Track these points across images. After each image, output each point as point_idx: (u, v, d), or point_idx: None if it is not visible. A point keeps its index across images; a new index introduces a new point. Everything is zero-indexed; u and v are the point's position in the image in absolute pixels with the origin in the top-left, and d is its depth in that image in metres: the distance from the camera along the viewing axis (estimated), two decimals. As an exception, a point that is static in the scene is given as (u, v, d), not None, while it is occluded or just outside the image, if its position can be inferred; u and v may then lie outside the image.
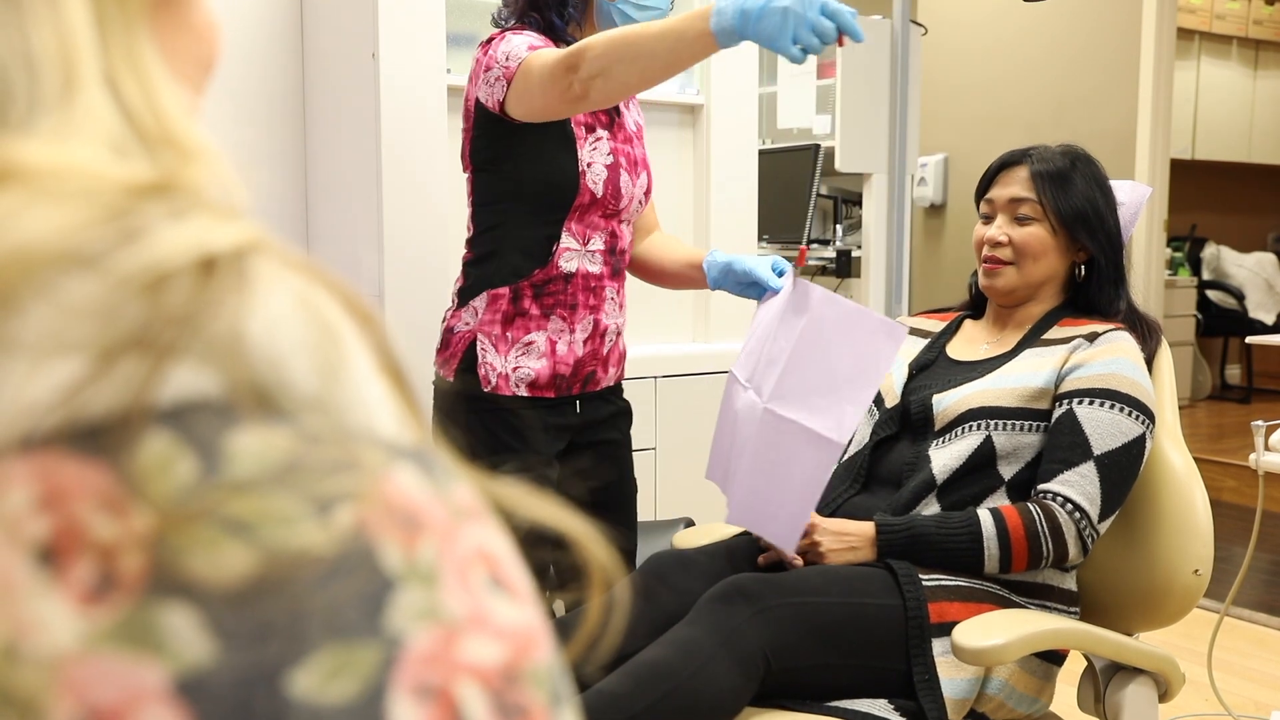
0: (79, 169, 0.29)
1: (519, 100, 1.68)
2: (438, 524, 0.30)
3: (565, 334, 1.79)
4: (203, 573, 0.27)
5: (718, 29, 1.49)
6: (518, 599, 0.31)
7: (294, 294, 0.31)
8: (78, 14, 0.32)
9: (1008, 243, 1.73)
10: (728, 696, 1.40)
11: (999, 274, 1.75)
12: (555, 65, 1.60)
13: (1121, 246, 1.76)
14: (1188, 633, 2.53)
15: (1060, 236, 1.72)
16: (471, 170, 1.82)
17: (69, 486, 0.27)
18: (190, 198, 0.30)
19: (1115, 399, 1.59)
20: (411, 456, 0.31)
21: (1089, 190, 1.72)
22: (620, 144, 1.83)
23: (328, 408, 0.31)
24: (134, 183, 0.30)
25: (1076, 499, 1.55)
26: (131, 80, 0.33)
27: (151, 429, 0.28)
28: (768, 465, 1.56)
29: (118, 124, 0.32)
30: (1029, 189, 1.73)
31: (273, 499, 0.28)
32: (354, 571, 0.28)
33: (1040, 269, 1.73)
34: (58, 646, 0.26)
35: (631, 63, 1.55)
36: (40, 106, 0.31)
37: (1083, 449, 1.57)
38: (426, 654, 0.29)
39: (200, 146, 0.33)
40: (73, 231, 0.28)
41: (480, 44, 1.76)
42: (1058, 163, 1.74)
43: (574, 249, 1.78)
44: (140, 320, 0.28)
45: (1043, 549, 1.54)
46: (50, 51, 0.31)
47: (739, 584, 1.48)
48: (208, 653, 0.26)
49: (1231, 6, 6.69)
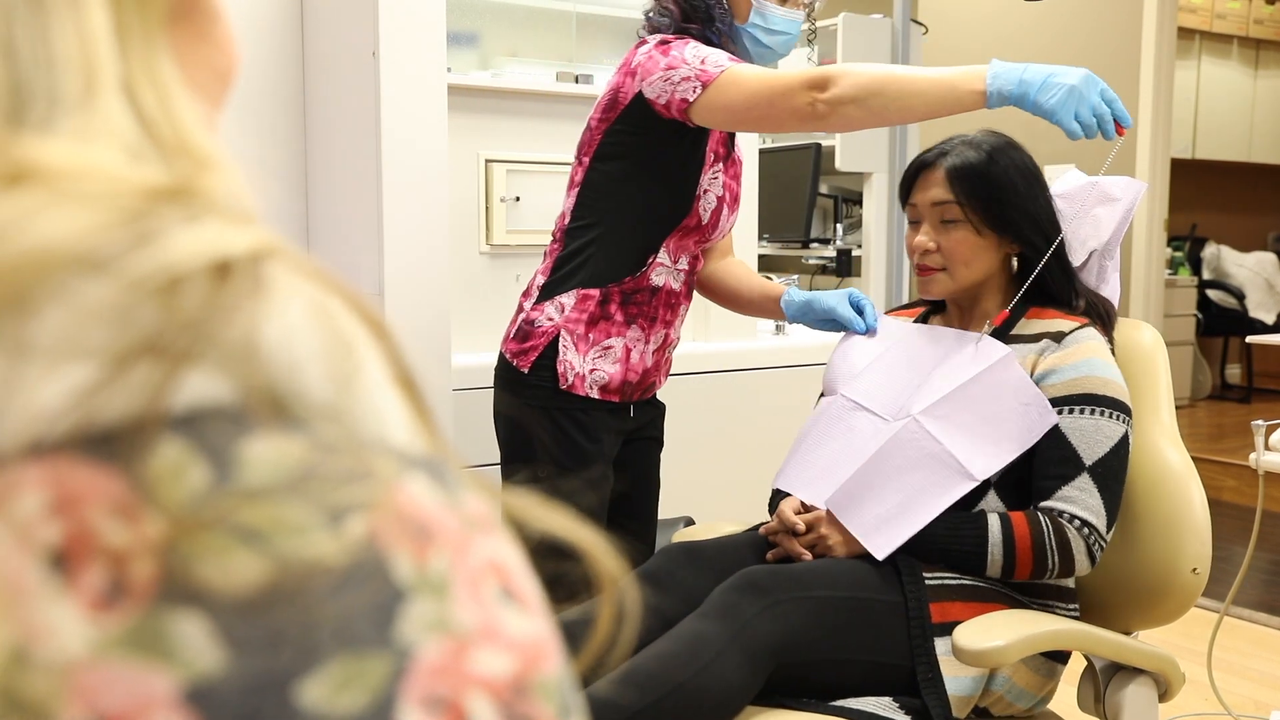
0: (99, 170, 0.29)
1: (714, 105, 1.67)
2: (449, 535, 0.30)
3: (641, 343, 1.82)
4: (214, 581, 0.27)
5: (994, 91, 1.56)
6: (528, 610, 0.31)
7: (309, 302, 0.31)
8: (98, 20, 0.32)
9: (936, 249, 1.69)
10: (735, 692, 1.41)
11: (933, 281, 1.72)
12: (796, 82, 1.63)
13: (1058, 230, 1.69)
14: (1188, 632, 2.53)
15: (987, 235, 1.68)
16: (591, 161, 1.81)
17: (81, 492, 0.27)
18: (205, 203, 0.30)
19: (1093, 403, 1.58)
20: (423, 466, 0.31)
21: (1009, 181, 1.66)
22: (729, 178, 1.88)
23: (341, 416, 0.31)
24: (152, 187, 0.30)
25: (1083, 515, 1.54)
26: (148, 89, 0.33)
27: (164, 435, 0.28)
28: (892, 470, 1.58)
29: (134, 131, 0.32)
30: (948, 191, 1.68)
31: (285, 508, 0.28)
32: (365, 582, 0.28)
33: (974, 271, 1.70)
34: (68, 653, 0.26)
35: (894, 98, 1.60)
36: (59, 109, 0.31)
37: (1074, 462, 1.56)
38: (437, 665, 0.29)
39: (214, 156, 0.33)
40: (90, 234, 0.28)
41: (653, 43, 1.75)
42: (974, 158, 1.67)
43: (665, 265, 1.82)
44: (155, 325, 0.28)
45: (1048, 562, 1.54)
46: (71, 54, 0.31)
47: (752, 576, 1.49)
48: (218, 661, 0.26)
49: (1232, 6, 6.69)
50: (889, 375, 1.74)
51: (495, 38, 2.50)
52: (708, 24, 1.79)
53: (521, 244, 2.46)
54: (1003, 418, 1.58)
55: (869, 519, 1.58)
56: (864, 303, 1.88)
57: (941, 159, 1.70)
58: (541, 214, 2.48)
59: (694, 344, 2.67)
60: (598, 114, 1.81)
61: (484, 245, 2.43)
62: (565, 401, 1.78)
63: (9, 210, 0.28)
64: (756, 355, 2.65)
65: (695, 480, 2.58)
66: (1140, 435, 1.68)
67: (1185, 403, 6.35)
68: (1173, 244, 6.47)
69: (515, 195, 2.44)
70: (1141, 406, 1.71)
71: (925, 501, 1.56)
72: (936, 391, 1.62)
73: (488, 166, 2.41)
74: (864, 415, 1.71)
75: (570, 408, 1.78)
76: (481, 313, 2.43)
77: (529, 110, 2.47)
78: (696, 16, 1.79)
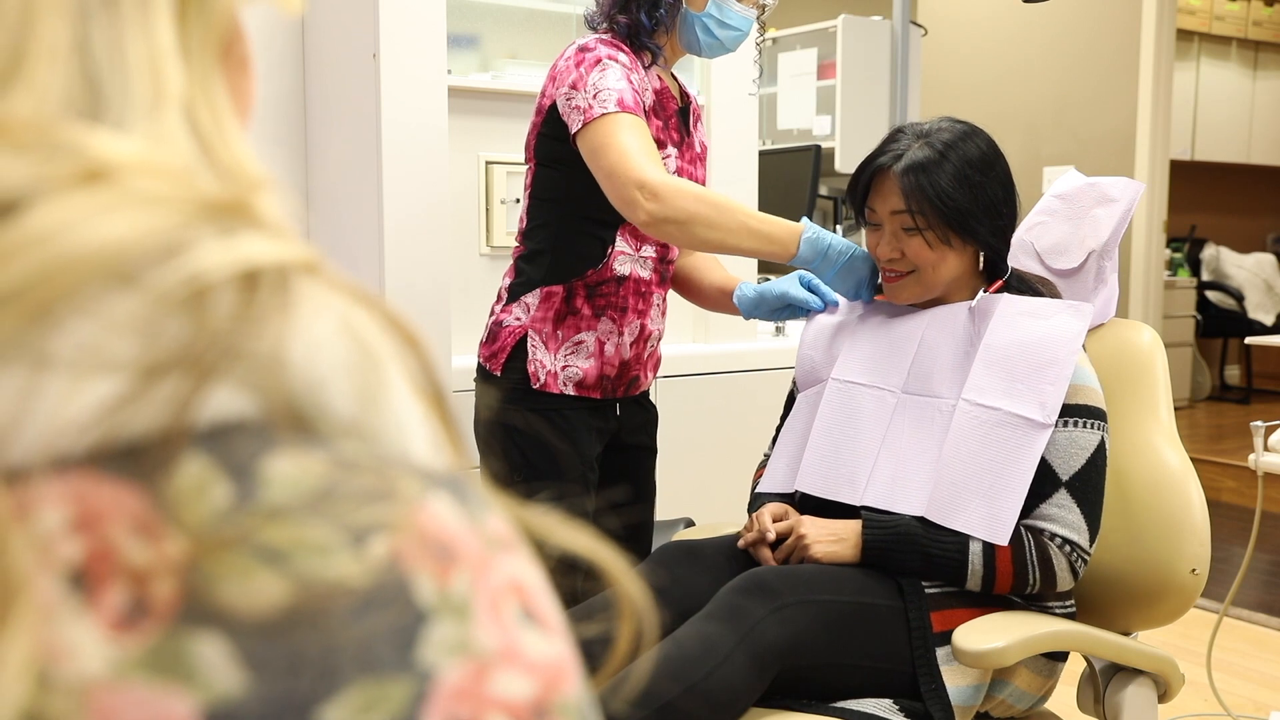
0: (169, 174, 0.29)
1: (584, 143, 1.68)
2: (471, 555, 0.30)
3: (614, 336, 1.82)
4: (235, 602, 0.27)
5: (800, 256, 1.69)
6: (549, 631, 0.31)
7: (337, 317, 0.31)
8: (166, 35, 0.32)
9: (902, 255, 1.64)
10: (741, 695, 1.40)
11: (902, 286, 1.66)
12: (636, 174, 1.61)
13: (1014, 216, 1.65)
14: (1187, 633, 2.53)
15: (953, 240, 1.61)
16: (534, 164, 1.83)
17: (103, 509, 0.27)
18: (248, 218, 0.30)
19: (1067, 414, 1.54)
20: (447, 485, 0.31)
21: (964, 179, 1.60)
22: (686, 164, 1.87)
23: (365, 434, 0.31)
24: (213, 197, 0.30)
25: (1064, 533, 1.52)
26: (206, 110, 0.33)
27: (188, 452, 0.28)
28: (968, 456, 1.54)
29: (192, 148, 0.32)
30: (903, 201, 1.61)
31: (308, 527, 0.28)
32: (388, 604, 0.28)
33: (942, 272, 1.64)
34: (88, 673, 0.26)
35: (713, 229, 1.64)
36: (129, 118, 0.31)
37: (1051, 479, 1.53)
38: (457, 689, 0.28)
39: (263, 179, 0.33)
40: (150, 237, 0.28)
41: (575, 47, 1.75)
42: (926, 158, 1.60)
43: (628, 253, 1.81)
44: (181, 339, 0.28)
45: (1029, 577, 1.51)
46: (142, 65, 0.31)
47: (760, 578, 1.48)
48: (238, 684, 0.26)
49: (1231, 8, 6.69)
50: (874, 345, 1.69)
51: (495, 40, 2.51)
52: (650, 9, 1.77)
53: (521, 245, 2.46)
54: (1027, 355, 1.55)
55: (974, 516, 1.52)
56: (814, 281, 1.82)
57: (895, 163, 1.62)
58: (541, 215, 2.48)
59: (693, 345, 2.67)
60: (534, 116, 1.82)
61: (484, 247, 2.43)
62: (540, 402, 1.77)
63: (80, 206, 0.27)
64: (756, 356, 2.66)
65: (695, 482, 2.58)
66: (1139, 436, 1.68)
67: (1184, 404, 6.35)
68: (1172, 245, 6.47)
69: (515, 197, 2.44)
70: (1140, 408, 1.71)
71: (1014, 469, 1.51)
72: (962, 369, 1.59)
73: (488, 168, 2.41)
74: (864, 392, 1.67)
75: (545, 408, 1.77)
76: (481, 314, 2.43)
77: (529, 112, 2.48)
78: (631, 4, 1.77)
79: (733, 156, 2.67)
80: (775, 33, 4.19)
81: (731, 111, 2.68)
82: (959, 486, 1.54)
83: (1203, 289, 6.73)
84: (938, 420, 1.59)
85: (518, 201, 2.44)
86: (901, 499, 1.57)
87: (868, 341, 1.71)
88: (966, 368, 1.59)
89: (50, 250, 0.27)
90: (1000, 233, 1.64)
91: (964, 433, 1.55)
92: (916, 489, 1.57)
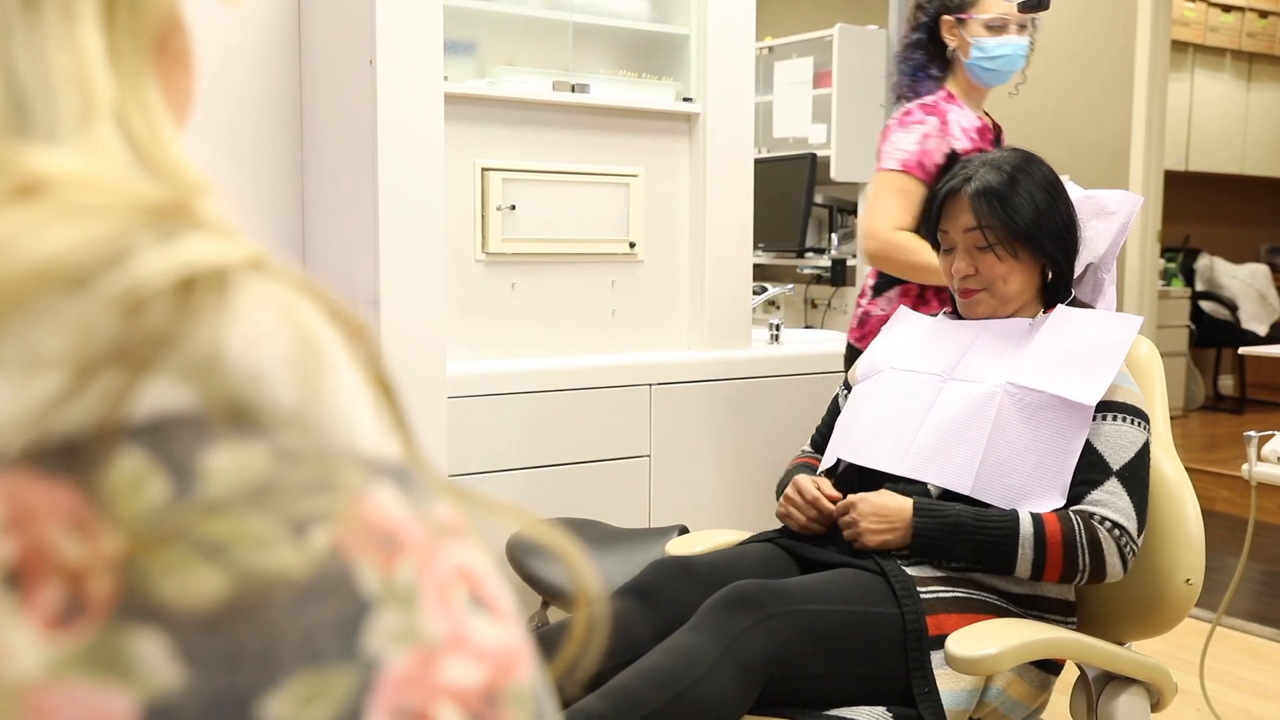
0: (106, 182, 0.29)
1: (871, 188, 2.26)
2: (417, 543, 0.30)
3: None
4: (173, 597, 0.26)
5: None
6: (500, 618, 0.31)
7: (276, 308, 0.31)
8: (92, 42, 0.31)
9: (975, 273, 1.75)
10: (729, 705, 1.40)
11: (977, 302, 1.77)
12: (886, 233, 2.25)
13: (1076, 242, 1.78)
14: (1180, 642, 2.53)
15: (1022, 254, 1.73)
16: None
17: (36, 507, 0.26)
18: (189, 220, 0.30)
19: (1115, 410, 1.61)
20: (390, 474, 0.31)
21: (1032, 200, 1.72)
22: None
23: (307, 424, 0.30)
24: (152, 202, 0.29)
25: (1114, 518, 1.56)
26: (138, 116, 0.32)
27: (124, 446, 0.27)
28: (1014, 437, 1.61)
29: (127, 156, 0.31)
30: (975, 218, 1.73)
31: (247, 520, 0.28)
32: (330, 594, 0.28)
33: (1013, 287, 1.75)
34: (23, 673, 0.25)
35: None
36: (59, 132, 0.30)
37: (1102, 467, 1.58)
38: (404, 677, 0.28)
39: (203, 181, 0.32)
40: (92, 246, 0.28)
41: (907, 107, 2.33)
42: (997, 181, 1.72)
43: None
44: (116, 335, 0.27)
45: (1079, 562, 1.54)
46: (69, 76, 0.31)
47: (743, 591, 1.48)
48: (177, 679, 0.26)
49: (1225, 19, 6.72)
50: (934, 344, 1.81)
51: (492, 47, 2.51)
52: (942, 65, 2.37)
53: (517, 252, 2.46)
54: (1077, 349, 1.64)
55: (1016, 490, 1.59)
56: None
57: (966, 185, 1.74)
58: (537, 222, 2.48)
59: (689, 353, 2.67)
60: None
61: (480, 253, 2.43)
62: None
63: (15, 222, 0.27)
64: (752, 364, 2.66)
65: (689, 488, 2.58)
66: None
67: (1178, 413, 6.36)
68: (1166, 255, 6.48)
69: (511, 204, 2.44)
70: (1135, 417, 1.71)
71: (1058, 448, 1.59)
72: (1012, 357, 1.68)
73: (484, 175, 2.41)
74: (915, 377, 1.77)
75: None
76: (477, 321, 2.43)
77: (525, 119, 2.48)
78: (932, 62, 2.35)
79: (729, 165, 2.67)
80: (771, 41, 4.20)
81: (728, 120, 2.69)
82: (1005, 466, 1.60)
83: (1197, 299, 6.74)
84: (981, 401, 1.65)
85: (514, 208, 2.44)
86: (940, 471, 1.64)
87: (930, 342, 1.83)
88: (1015, 361, 1.67)
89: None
90: (1065, 250, 1.75)
91: (1009, 414, 1.62)
92: (952, 462, 1.63)
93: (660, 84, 2.67)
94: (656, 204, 2.65)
